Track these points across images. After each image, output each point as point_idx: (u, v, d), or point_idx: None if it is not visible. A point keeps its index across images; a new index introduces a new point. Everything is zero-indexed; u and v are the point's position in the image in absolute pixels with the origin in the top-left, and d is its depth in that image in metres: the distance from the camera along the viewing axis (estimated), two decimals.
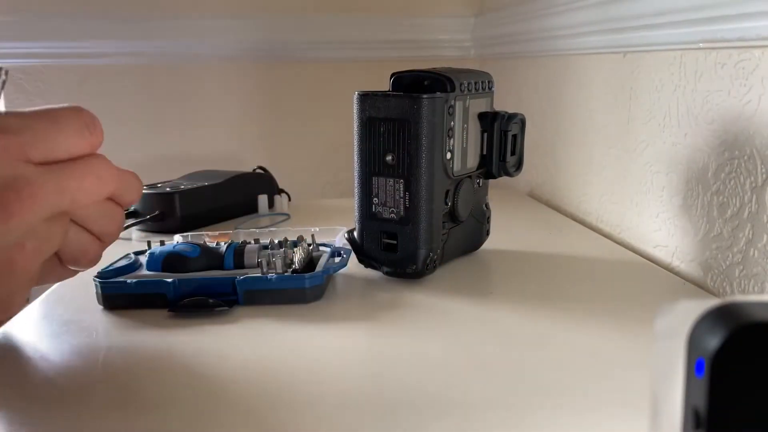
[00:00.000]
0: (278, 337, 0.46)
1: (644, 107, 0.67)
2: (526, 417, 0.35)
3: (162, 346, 0.45)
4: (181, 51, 1.22)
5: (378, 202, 0.55)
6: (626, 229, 0.72)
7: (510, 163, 0.60)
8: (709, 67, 0.56)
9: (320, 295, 0.53)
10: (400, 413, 0.36)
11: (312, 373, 0.41)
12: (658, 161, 0.65)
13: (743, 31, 0.51)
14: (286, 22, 1.22)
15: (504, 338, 0.45)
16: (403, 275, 0.56)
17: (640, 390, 0.37)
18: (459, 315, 0.50)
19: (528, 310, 0.50)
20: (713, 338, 0.17)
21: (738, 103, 0.53)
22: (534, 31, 0.94)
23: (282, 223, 0.80)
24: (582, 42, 0.80)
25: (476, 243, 0.65)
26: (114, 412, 0.36)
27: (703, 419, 0.17)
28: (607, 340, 0.44)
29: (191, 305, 0.50)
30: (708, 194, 0.57)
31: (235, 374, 0.41)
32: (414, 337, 0.46)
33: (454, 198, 0.57)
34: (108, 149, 0.39)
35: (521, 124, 0.61)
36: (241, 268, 0.54)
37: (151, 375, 0.41)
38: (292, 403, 0.37)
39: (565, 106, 0.87)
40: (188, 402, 0.37)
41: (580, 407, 0.36)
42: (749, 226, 0.52)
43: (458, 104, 0.55)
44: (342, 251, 0.58)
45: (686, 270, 0.60)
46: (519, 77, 1.05)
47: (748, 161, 0.52)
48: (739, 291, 0.53)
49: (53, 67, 1.21)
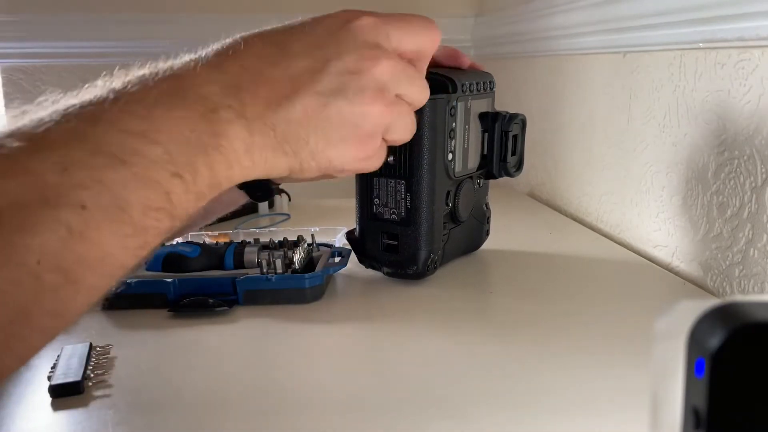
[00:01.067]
0: (278, 337, 0.46)
1: (644, 107, 0.67)
2: (526, 417, 0.35)
3: (162, 346, 0.45)
4: (181, 51, 1.22)
5: (379, 203, 0.55)
6: (626, 229, 0.72)
7: (511, 163, 0.60)
8: (709, 67, 0.56)
9: (320, 295, 0.53)
10: (400, 413, 0.36)
11: (312, 373, 0.41)
12: (658, 161, 0.65)
13: (743, 31, 0.51)
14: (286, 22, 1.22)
15: (504, 338, 0.45)
16: (404, 276, 0.56)
17: (640, 390, 0.37)
18: (460, 315, 0.50)
19: (528, 310, 0.50)
20: (713, 338, 0.17)
21: (738, 103, 0.53)
22: (534, 31, 0.94)
23: (282, 223, 0.80)
24: (582, 42, 0.80)
25: (476, 243, 0.65)
26: (114, 412, 0.36)
27: (703, 419, 0.17)
28: (607, 340, 0.44)
29: (191, 305, 0.50)
30: (708, 194, 0.57)
31: (235, 374, 0.41)
32: (414, 337, 0.46)
33: (455, 199, 0.57)
34: None
35: (522, 125, 0.61)
36: (241, 268, 0.54)
37: (152, 374, 0.41)
38: (292, 403, 0.37)
39: (565, 106, 0.87)
40: (189, 401, 0.38)
41: (580, 407, 0.36)
42: (749, 226, 0.52)
43: (460, 105, 0.55)
44: (342, 251, 0.58)
45: (686, 270, 0.61)
46: (519, 77, 1.05)
47: (748, 161, 0.52)
48: (739, 291, 0.53)
49: (53, 67, 1.21)
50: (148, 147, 0.29)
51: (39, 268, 0.26)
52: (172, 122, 0.30)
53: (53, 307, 0.27)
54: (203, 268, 0.54)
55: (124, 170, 0.28)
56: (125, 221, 0.28)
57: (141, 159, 0.29)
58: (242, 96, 0.33)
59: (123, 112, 0.30)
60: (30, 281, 0.26)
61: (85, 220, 0.27)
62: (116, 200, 0.28)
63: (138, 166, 0.29)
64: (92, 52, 1.20)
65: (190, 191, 0.31)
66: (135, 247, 0.29)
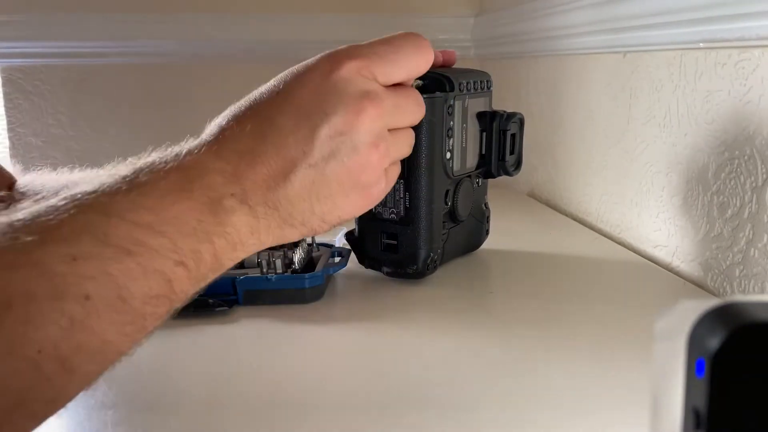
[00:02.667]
0: (278, 337, 0.46)
1: (644, 107, 0.67)
2: (526, 417, 0.35)
3: (162, 346, 0.45)
4: (181, 51, 1.22)
5: (378, 203, 0.55)
6: (626, 229, 0.72)
7: (509, 162, 0.60)
8: (709, 67, 0.56)
9: (320, 295, 0.53)
10: (401, 413, 0.36)
11: (312, 373, 0.41)
12: (658, 161, 0.65)
13: (743, 31, 0.51)
14: (286, 21, 1.22)
15: (505, 338, 0.45)
16: (404, 275, 0.56)
17: (640, 390, 0.37)
18: (460, 315, 0.50)
19: (529, 310, 0.50)
20: (713, 338, 0.17)
21: (738, 103, 0.53)
22: (534, 31, 0.94)
23: None
24: (582, 42, 0.80)
25: (476, 243, 0.65)
26: (114, 412, 0.36)
27: (703, 419, 0.17)
28: (607, 340, 0.44)
29: (191, 305, 0.50)
30: (708, 194, 0.57)
31: (235, 374, 0.41)
32: (415, 337, 0.46)
33: (454, 198, 0.57)
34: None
35: (520, 123, 0.61)
36: (241, 268, 0.54)
37: (151, 375, 0.41)
38: (292, 403, 0.37)
39: (565, 106, 0.87)
40: (188, 401, 0.37)
41: (580, 407, 0.36)
42: (749, 226, 0.52)
43: (457, 104, 0.55)
44: (342, 251, 0.58)
45: (686, 270, 0.60)
46: (519, 77, 1.05)
47: (748, 161, 0.52)
48: (739, 291, 0.53)
49: (53, 67, 1.21)
50: (153, 238, 0.30)
51: (39, 358, 0.26)
52: (179, 214, 0.31)
53: (48, 395, 0.28)
54: None
55: (129, 261, 0.29)
56: (126, 311, 0.29)
57: (146, 249, 0.30)
58: (243, 183, 0.34)
59: (133, 203, 0.30)
60: (29, 371, 0.26)
61: (87, 310, 0.28)
62: (119, 290, 0.29)
63: (142, 257, 0.29)
64: (92, 52, 1.20)
65: (192, 277, 0.32)
66: (132, 333, 0.30)
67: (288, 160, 0.35)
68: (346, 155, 0.37)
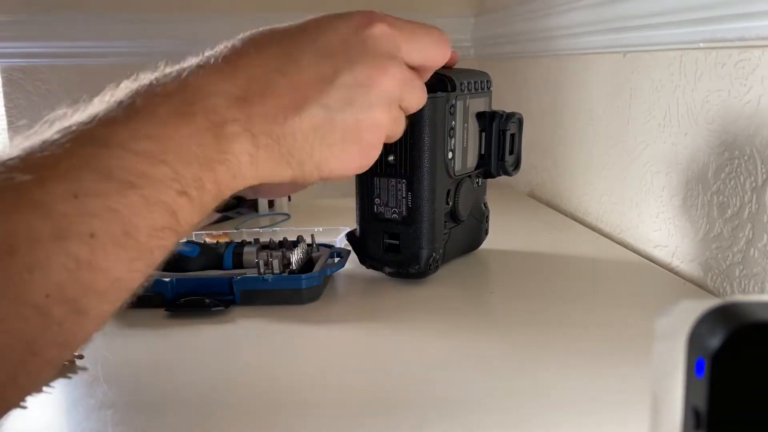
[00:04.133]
0: (274, 337, 0.46)
1: (644, 107, 0.67)
2: (526, 417, 0.35)
3: (158, 346, 0.45)
4: (181, 51, 1.22)
5: (380, 203, 0.55)
6: (626, 229, 0.72)
7: (508, 162, 0.60)
8: (709, 67, 0.56)
9: (318, 296, 0.53)
10: (401, 413, 0.36)
11: (309, 374, 0.41)
12: (658, 161, 0.65)
13: (743, 31, 0.51)
14: (286, 21, 1.22)
15: (506, 338, 0.45)
16: (406, 275, 0.56)
17: (640, 390, 0.37)
18: (461, 315, 0.50)
19: (529, 311, 0.50)
20: (713, 338, 0.16)
21: (738, 103, 0.53)
22: (534, 31, 0.94)
23: (282, 223, 0.80)
24: (582, 42, 0.80)
25: (476, 242, 0.65)
26: (114, 412, 0.36)
27: (703, 419, 0.17)
28: (607, 340, 0.44)
29: (188, 305, 0.50)
30: (708, 194, 0.57)
31: (231, 374, 0.41)
32: (415, 337, 0.46)
33: (455, 198, 0.57)
34: None
35: (519, 124, 0.61)
36: (240, 268, 0.54)
37: (148, 374, 0.41)
38: (289, 403, 0.37)
39: (565, 106, 0.87)
40: (186, 401, 0.37)
41: (580, 407, 0.36)
42: (749, 226, 0.52)
43: (459, 104, 0.55)
44: (341, 252, 0.58)
45: (686, 270, 0.60)
46: (519, 77, 1.05)
47: (748, 161, 0.52)
48: (739, 291, 0.53)
49: (53, 67, 1.21)
50: (156, 168, 0.29)
51: (47, 302, 0.26)
52: (181, 140, 0.30)
53: (60, 339, 0.27)
54: (203, 268, 0.54)
55: (132, 194, 0.28)
56: (132, 246, 0.28)
57: (148, 181, 0.29)
58: (249, 109, 0.33)
59: (133, 132, 0.29)
60: (38, 316, 0.26)
61: (93, 249, 0.27)
62: (124, 226, 0.28)
63: (145, 189, 0.28)
64: (92, 51, 1.20)
65: (195, 207, 0.31)
66: (141, 268, 0.29)
67: (302, 95, 0.35)
68: (360, 108, 0.36)
